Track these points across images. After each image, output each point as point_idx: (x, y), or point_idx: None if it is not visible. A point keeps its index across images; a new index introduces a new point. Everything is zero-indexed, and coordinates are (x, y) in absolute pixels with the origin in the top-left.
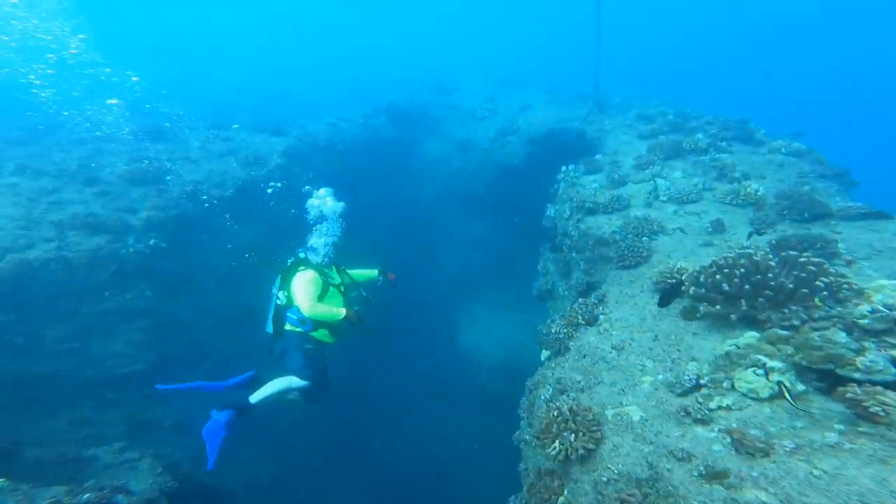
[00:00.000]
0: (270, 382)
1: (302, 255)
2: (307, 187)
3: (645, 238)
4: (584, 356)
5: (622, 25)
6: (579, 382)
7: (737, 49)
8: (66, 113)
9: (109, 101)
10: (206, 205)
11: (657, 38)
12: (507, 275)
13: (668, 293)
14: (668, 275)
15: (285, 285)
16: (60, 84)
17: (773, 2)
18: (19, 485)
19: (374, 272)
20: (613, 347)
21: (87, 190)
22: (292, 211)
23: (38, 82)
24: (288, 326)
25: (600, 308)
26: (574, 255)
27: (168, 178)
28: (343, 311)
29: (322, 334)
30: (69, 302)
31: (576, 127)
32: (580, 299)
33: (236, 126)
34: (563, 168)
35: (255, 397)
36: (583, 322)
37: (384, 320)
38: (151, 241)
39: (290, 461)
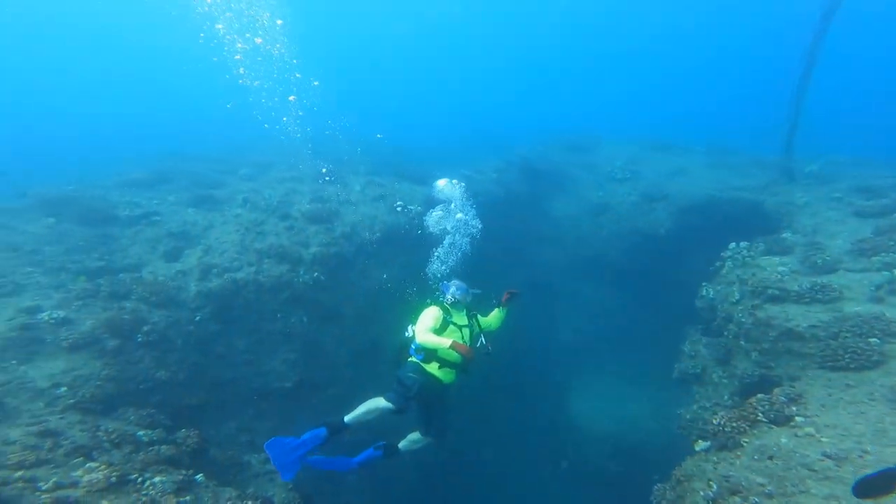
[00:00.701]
0: (363, 403)
1: (436, 294)
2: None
3: (874, 339)
4: (770, 458)
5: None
6: (764, 487)
7: None
8: (266, 126)
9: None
10: (358, 245)
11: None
12: (631, 348)
13: None
14: None
15: (413, 320)
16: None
17: None
18: (209, 481)
19: (502, 311)
20: (828, 456)
21: (281, 224)
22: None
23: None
24: (410, 358)
25: (794, 408)
26: (742, 343)
27: (334, 219)
28: (449, 342)
29: (433, 367)
30: (254, 319)
31: (748, 198)
32: (759, 395)
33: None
34: (732, 245)
35: (349, 417)
36: (764, 419)
37: (492, 376)
38: (315, 274)
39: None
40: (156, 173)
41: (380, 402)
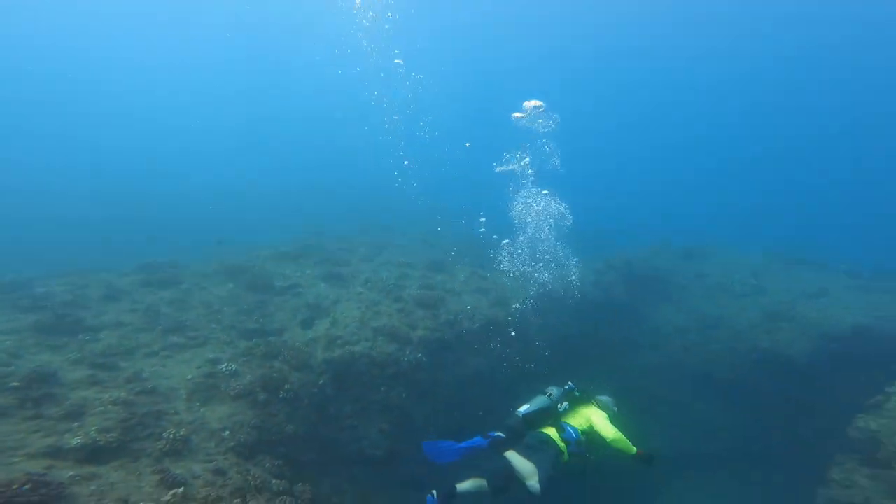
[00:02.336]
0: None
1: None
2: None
3: None
4: None
5: None
6: None
7: None
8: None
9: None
10: (458, 333)
11: None
12: (747, 467)
13: None
14: None
15: (573, 404)
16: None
17: None
18: None
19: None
20: None
21: (394, 306)
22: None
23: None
24: (550, 431)
25: None
26: None
27: (440, 306)
28: (636, 449)
29: (571, 462)
30: (361, 388)
31: None
32: None
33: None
34: None
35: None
36: None
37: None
38: (419, 355)
39: None
40: (299, 248)
41: (528, 479)
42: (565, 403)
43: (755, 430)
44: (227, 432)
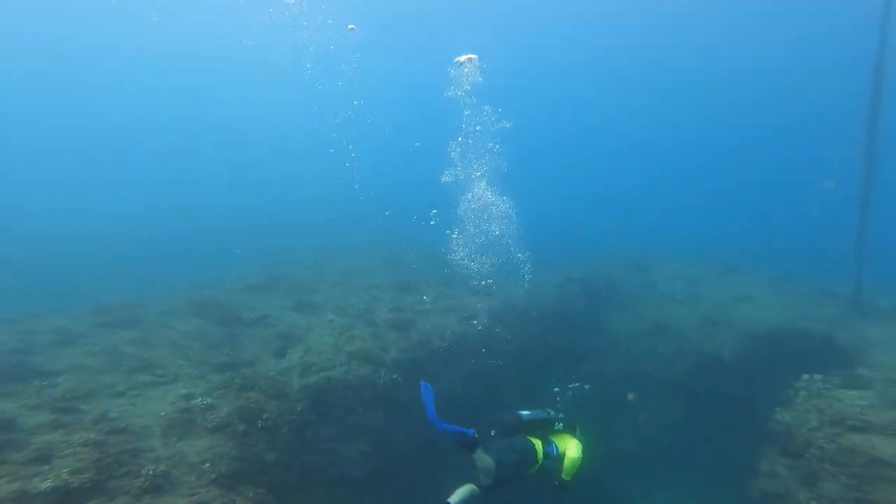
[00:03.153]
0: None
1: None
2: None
3: None
4: None
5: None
6: None
7: None
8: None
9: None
10: (430, 351)
11: None
12: (698, 463)
13: None
14: None
15: (564, 429)
16: None
17: None
18: None
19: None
20: None
21: (367, 329)
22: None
23: None
24: (535, 442)
25: None
26: (828, 466)
27: (411, 327)
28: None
29: (533, 472)
30: (339, 412)
31: (819, 331)
32: None
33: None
34: (806, 377)
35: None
36: None
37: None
38: (394, 376)
39: None
40: (266, 279)
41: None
42: (560, 425)
43: (700, 428)
44: (208, 465)
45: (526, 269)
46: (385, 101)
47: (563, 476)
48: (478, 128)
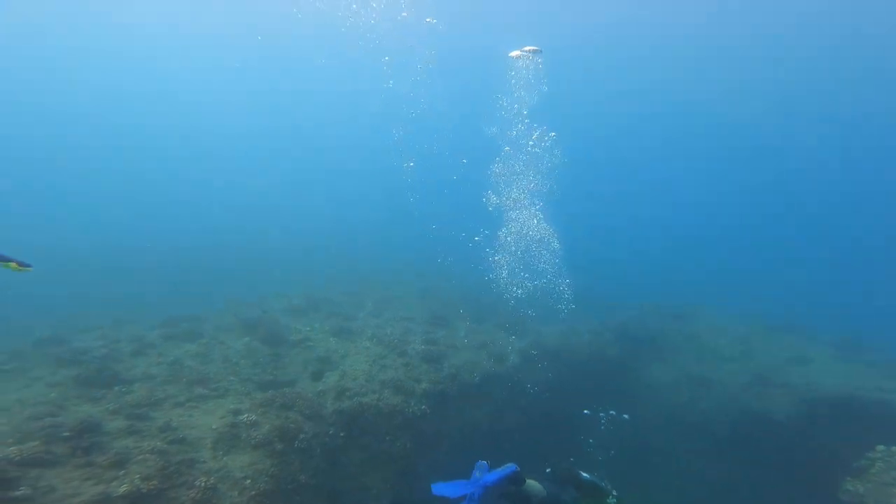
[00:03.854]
0: None
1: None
2: None
3: None
4: None
5: None
6: None
7: None
8: None
9: None
10: (460, 386)
11: None
12: None
13: None
14: None
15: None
16: None
17: None
18: None
19: None
20: None
21: (399, 360)
22: None
23: None
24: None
25: None
26: None
27: (442, 360)
28: None
29: None
30: (369, 438)
31: (889, 400)
32: None
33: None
34: (882, 447)
35: None
36: None
37: None
38: (423, 406)
39: None
40: (309, 301)
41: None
42: (613, 500)
43: (748, 487)
44: (249, 481)
45: (561, 308)
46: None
47: None
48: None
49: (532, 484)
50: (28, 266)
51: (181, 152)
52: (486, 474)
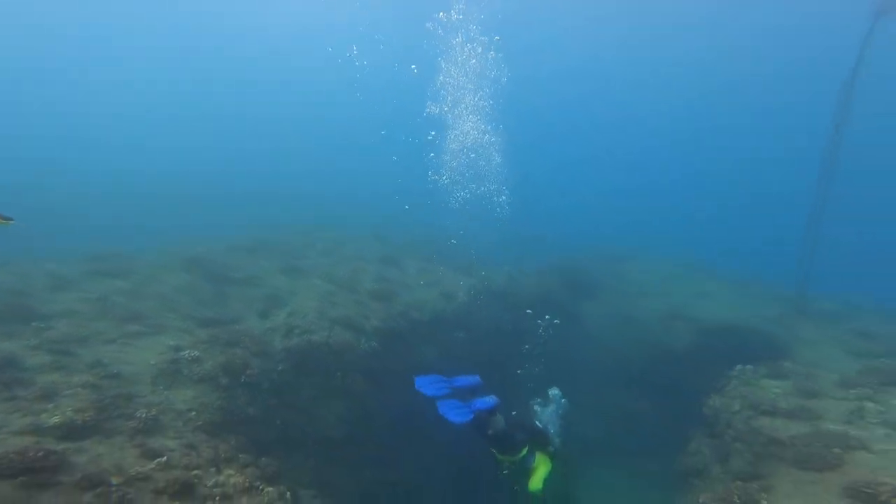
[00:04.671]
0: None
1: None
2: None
3: (837, 450)
4: None
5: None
6: None
7: None
8: None
9: None
10: (410, 323)
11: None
12: (651, 450)
13: None
14: (866, 485)
15: (542, 447)
16: None
17: None
18: (293, 498)
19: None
20: None
21: (350, 297)
22: None
23: None
24: (525, 446)
25: (764, 495)
26: (738, 445)
27: (393, 298)
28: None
29: (508, 460)
30: (320, 376)
31: (762, 328)
32: (738, 482)
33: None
34: (739, 367)
35: None
36: (739, 502)
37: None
38: (374, 343)
39: None
40: (256, 241)
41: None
42: (551, 449)
43: (650, 414)
44: (194, 413)
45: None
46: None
47: (529, 486)
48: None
49: (497, 418)
50: (9, 219)
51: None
52: (478, 400)
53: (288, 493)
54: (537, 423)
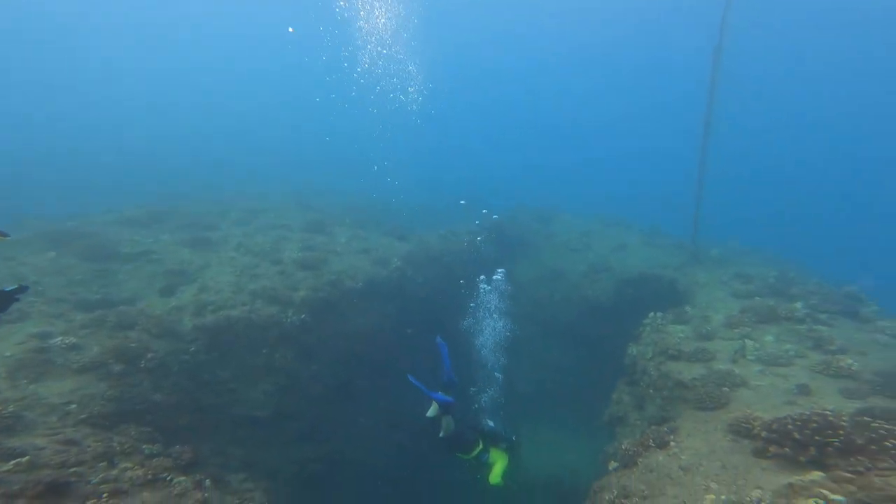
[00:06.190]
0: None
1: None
2: None
3: (725, 388)
4: (651, 471)
5: (731, 174)
6: (644, 491)
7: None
8: None
9: None
10: (342, 292)
11: (772, 187)
12: (580, 400)
13: None
14: (744, 420)
15: (495, 443)
16: None
17: None
18: (215, 486)
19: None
20: (681, 468)
21: (273, 268)
22: None
23: None
24: (480, 443)
25: (672, 436)
26: (651, 391)
27: (322, 266)
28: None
29: (465, 458)
30: (241, 352)
31: (668, 276)
32: (653, 426)
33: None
34: (651, 314)
35: None
36: (654, 445)
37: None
38: (303, 316)
39: None
40: (151, 213)
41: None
42: (504, 445)
43: (585, 366)
44: (74, 406)
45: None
46: None
47: (490, 480)
48: None
49: (448, 419)
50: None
51: None
52: (438, 395)
53: (207, 481)
54: (489, 422)
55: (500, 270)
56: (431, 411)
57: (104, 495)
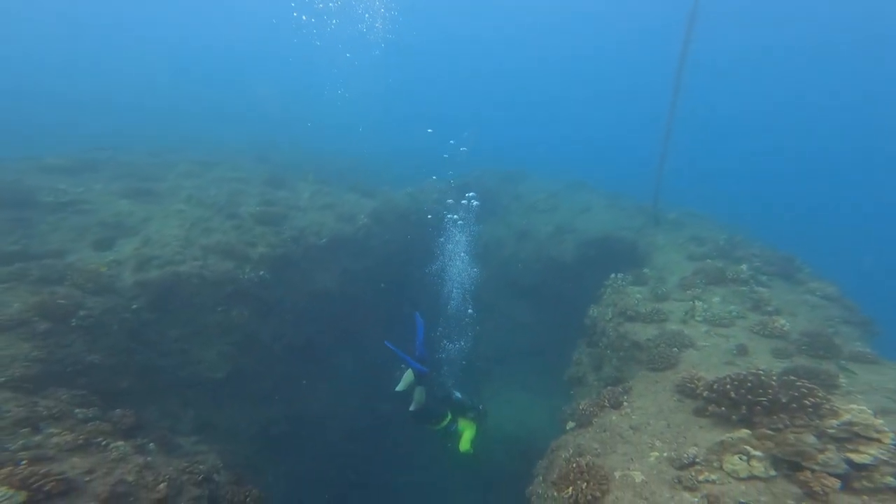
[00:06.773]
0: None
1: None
2: None
3: (675, 349)
4: (605, 431)
5: (694, 138)
6: (596, 449)
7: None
8: None
9: None
10: (304, 249)
11: (731, 153)
12: (543, 360)
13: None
14: (689, 380)
15: (463, 413)
16: None
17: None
18: (159, 450)
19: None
20: (631, 427)
21: (228, 223)
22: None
23: None
24: (448, 414)
25: (625, 397)
26: (609, 352)
27: (283, 222)
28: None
29: (436, 428)
30: (193, 311)
31: (629, 238)
32: (608, 387)
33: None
34: (612, 276)
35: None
36: (608, 405)
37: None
38: (261, 272)
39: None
40: (79, 161)
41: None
42: (472, 414)
43: (549, 326)
44: None
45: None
46: None
47: (459, 447)
48: None
49: (420, 389)
50: None
51: None
52: (413, 362)
53: (151, 444)
54: (456, 393)
55: (469, 194)
56: (402, 385)
57: (23, 462)
